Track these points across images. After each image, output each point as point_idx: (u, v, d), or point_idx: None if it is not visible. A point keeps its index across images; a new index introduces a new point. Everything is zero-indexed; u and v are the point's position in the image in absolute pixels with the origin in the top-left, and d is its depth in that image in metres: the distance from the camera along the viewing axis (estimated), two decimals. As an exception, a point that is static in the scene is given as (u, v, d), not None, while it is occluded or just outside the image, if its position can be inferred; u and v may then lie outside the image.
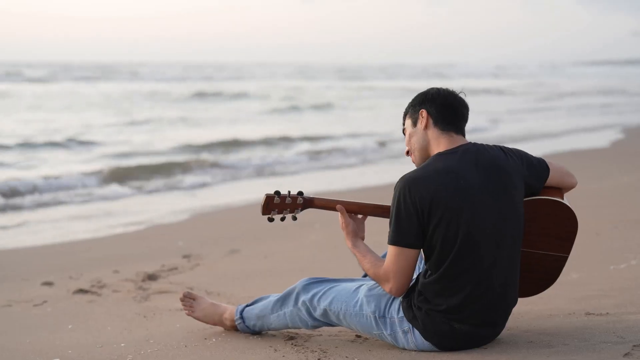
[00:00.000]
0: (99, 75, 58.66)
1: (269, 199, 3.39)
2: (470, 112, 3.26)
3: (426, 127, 3.21)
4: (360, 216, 3.43)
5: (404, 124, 3.33)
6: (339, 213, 3.40)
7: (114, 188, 11.05)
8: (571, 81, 59.12)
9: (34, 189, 10.48)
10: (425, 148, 3.23)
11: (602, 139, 15.76)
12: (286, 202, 3.41)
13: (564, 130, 18.73)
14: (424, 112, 3.21)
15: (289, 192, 3.43)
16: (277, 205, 3.41)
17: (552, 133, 18.10)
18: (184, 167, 12.85)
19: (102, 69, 73.66)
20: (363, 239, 3.40)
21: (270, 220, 3.43)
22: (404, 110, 3.33)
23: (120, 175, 11.88)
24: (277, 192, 3.40)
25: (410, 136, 3.27)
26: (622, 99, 33.02)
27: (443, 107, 3.19)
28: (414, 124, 3.25)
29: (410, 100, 3.32)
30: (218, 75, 65.55)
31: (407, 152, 3.32)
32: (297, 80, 55.29)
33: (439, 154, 3.15)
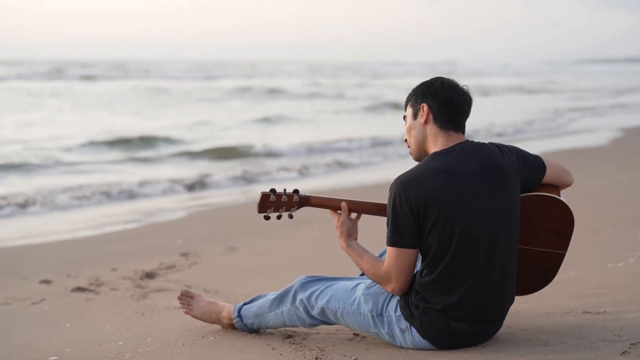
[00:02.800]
0: (148, 73, 57.86)
1: (264, 197, 3.38)
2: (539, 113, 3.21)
3: (426, 122, 3.19)
4: (354, 216, 3.42)
5: (405, 110, 3.31)
6: (330, 211, 3.39)
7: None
8: (585, 79, 58.27)
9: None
10: (422, 143, 3.22)
11: (601, 138, 15.76)
12: (282, 200, 3.40)
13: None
14: (425, 107, 3.19)
15: (285, 190, 3.42)
16: (272, 203, 3.39)
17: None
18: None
19: (123, 67, 72.44)
20: (356, 239, 3.39)
21: (267, 218, 3.42)
22: (406, 96, 3.30)
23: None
24: (273, 190, 3.39)
25: (410, 128, 3.25)
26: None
27: (445, 104, 3.16)
28: (415, 116, 3.23)
29: (414, 87, 3.26)
30: (237, 73, 64.26)
31: (406, 140, 3.31)
32: (330, 79, 54.09)
33: (435, 154, 3.14)
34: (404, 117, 3.31)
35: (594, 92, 37.10)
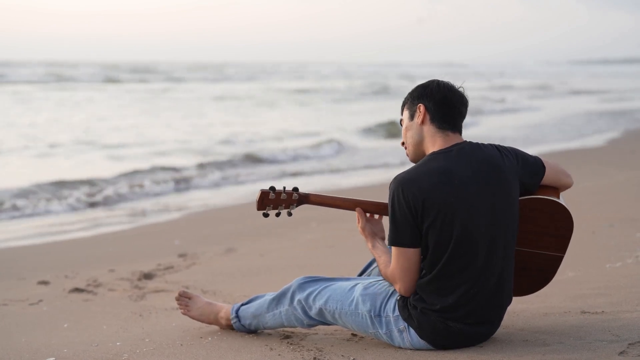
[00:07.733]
0: (217, 75, 56.13)
1: (264, 194, 3.38)
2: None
3: (423, 122, 3.20)
4: (376, 216, 3.42)
5: (402, 114, 3.32)
6: (356, 214, 3.38)
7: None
8: (597, 79, 57.59)
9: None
10: (419, 144, 3.22)
11: (599, 138, 15.77)
12: (281, 197, 3.40)
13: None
14: (421, 107, 3.19)
15: (284, 187, 3.42)
16: (272, 201, 3.40)
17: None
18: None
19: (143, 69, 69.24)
20: (383, 238, 3.38)
21: (266, 215, 3.42)
22: (403, 99, 3.31)
23: None
24: (272, 188, 3.39)
25: (407, 129, 3.26)
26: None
27: (442, 104, 3.17)
28: (411, 117, 3.24)
29: (410, 90, 3.27)
30: (265, 75, 61.56)
31: (403, 143, 3.31)
32: (382, 79, 53.17)
33: (433, 154, 3.15)
34: (400, 121, 3.31)
35: (630, 93, 35.89)
